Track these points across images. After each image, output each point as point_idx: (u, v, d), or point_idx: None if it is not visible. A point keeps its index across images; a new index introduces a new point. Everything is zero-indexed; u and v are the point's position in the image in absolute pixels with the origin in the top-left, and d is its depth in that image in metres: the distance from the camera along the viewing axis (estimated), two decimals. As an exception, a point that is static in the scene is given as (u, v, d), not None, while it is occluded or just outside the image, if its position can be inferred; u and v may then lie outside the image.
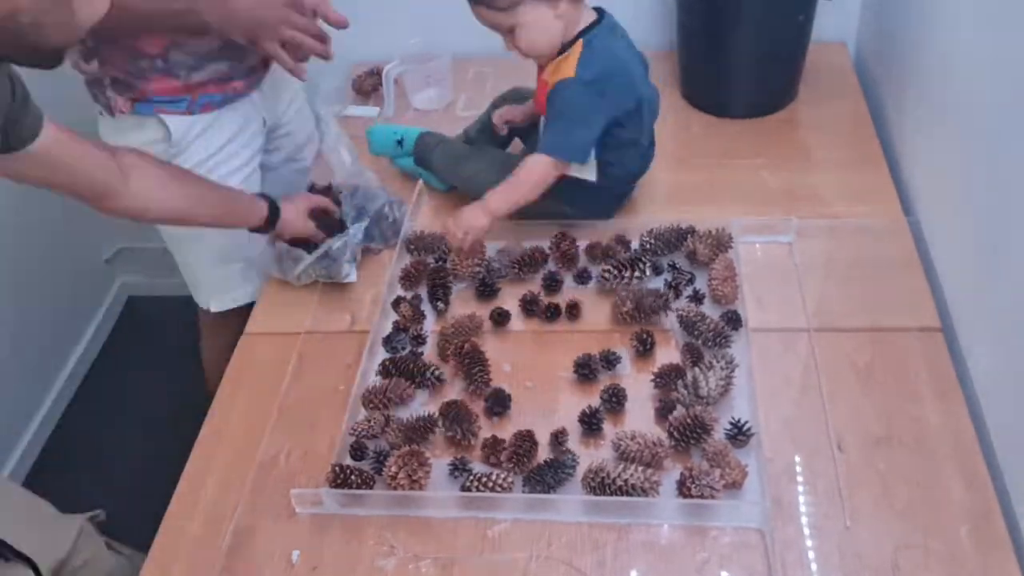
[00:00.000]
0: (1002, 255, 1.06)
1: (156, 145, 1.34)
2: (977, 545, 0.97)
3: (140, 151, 1.19)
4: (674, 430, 1.08)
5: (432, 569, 1.03)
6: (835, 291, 1.27)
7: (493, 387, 1.19)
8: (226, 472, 1.17)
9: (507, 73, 1.66)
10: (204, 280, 1.55)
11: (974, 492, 1.01)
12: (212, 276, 1.53)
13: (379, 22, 1.80)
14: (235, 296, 1.54)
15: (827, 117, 1.60)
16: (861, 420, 1.10)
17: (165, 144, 1.35)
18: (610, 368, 1.19)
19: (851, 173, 1.46)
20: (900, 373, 1.15)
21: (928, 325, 1.20)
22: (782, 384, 1.16)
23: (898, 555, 0.97)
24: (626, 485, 1.03)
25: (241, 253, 1.47)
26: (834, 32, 1.74)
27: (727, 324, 1.20)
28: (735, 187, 1.47)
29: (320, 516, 1.10)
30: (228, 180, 1.38)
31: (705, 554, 1.00)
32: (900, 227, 1.34)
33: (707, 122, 1.63)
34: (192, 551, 1.09)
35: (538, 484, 1.06)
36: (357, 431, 1.15)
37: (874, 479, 1.04)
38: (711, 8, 1.53)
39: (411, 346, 1.27)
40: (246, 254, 1.47)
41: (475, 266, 1.33)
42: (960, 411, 1.09)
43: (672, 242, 1.32)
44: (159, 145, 1.34)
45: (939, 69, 1.31)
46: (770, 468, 1.06)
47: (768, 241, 1.35)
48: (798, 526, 1.01)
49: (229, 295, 1.54)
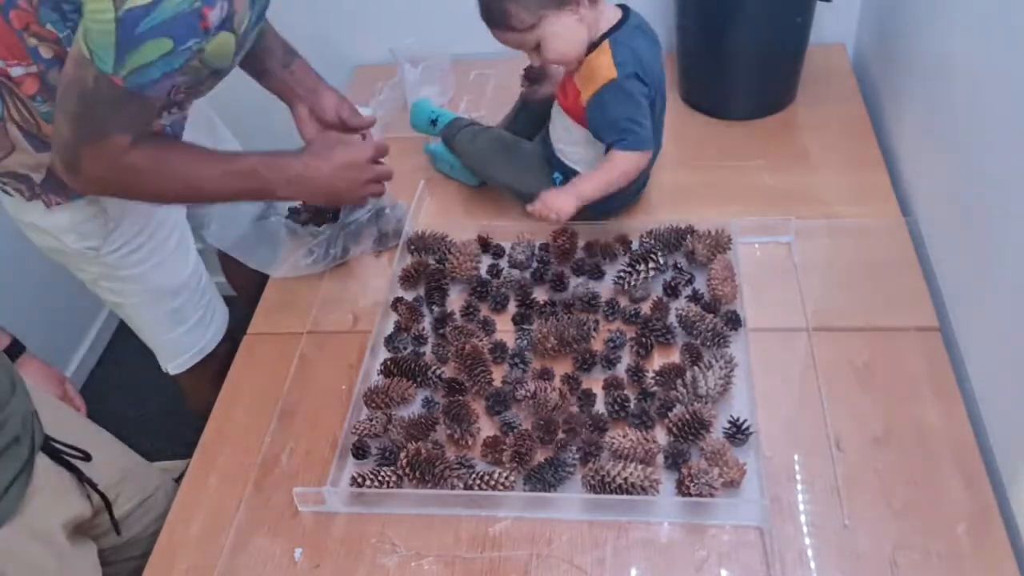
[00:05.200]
0: (1000, 255, 1.06)
1: (88, 223, 1.26)
2: (975, 544, 0.97)
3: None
4: (673, 427, 1.09)
5: (434, 567, 1.03)
6: (834, 291, 1.28)
7: (494, 387, 1.19)
8: (228, 471, 1.18)
9: (508, 74, 1.67)
10: (159, 346, 1.49)
11: (972, 491, 1.02)
12: (165, 341, 1.48)
13: (379, 23, 1.82)
14: (192, 355, 1.50)
15: (826, 118, 1.60)
16: (860, 419, 1.11)
17: (101, 219, 1.27)
18: (610, 367, 1.20)
19: (850, 174, 1.47)
20: (899, 373, 1.15)
21: (926, 325, 1.20)
22: (781, 384, 1.17)
23: (896, 554, 0.97)
24: (626, 483, 1.03)
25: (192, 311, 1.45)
26: (833, 34, 1.75)
27: (726, 324, 1.20)
28: (734, 188, 1.47)
29: (322, 514, 1.10)
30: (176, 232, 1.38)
31: (704, 552, 1.01)
32: (899, 227, 1.35)
33: (706, 123, 1.64)
34: (195, 549, 1.10)
35: (539, 483, 1.06)
36: (359, 430, 1.16)
37: (872, 478, 1.05)
38: (710, 10, 1.54)
39: (413, 346, 1.28)
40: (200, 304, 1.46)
41: (472, 268, 1.34)
42: (958, 411, 1.10)
43: (671, 242, 1.33)
44: (92, 222, 1.26)
45: (938, 70, 1.32)
46: (769, 467, 1.06)
47: (767, 241, 1.35)
48: (797, 525, 1.02)
49: (185, 356, 1.49)
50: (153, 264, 1.36)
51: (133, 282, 1.36)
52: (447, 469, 1.08)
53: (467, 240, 1.39)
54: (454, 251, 1.36)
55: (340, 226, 1.40)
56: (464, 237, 1.40)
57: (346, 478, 1.13)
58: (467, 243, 1.38)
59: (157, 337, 1.48)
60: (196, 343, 1.49)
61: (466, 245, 1.37)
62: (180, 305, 1.43)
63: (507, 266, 1.36)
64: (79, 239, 1.28)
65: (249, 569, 1.07)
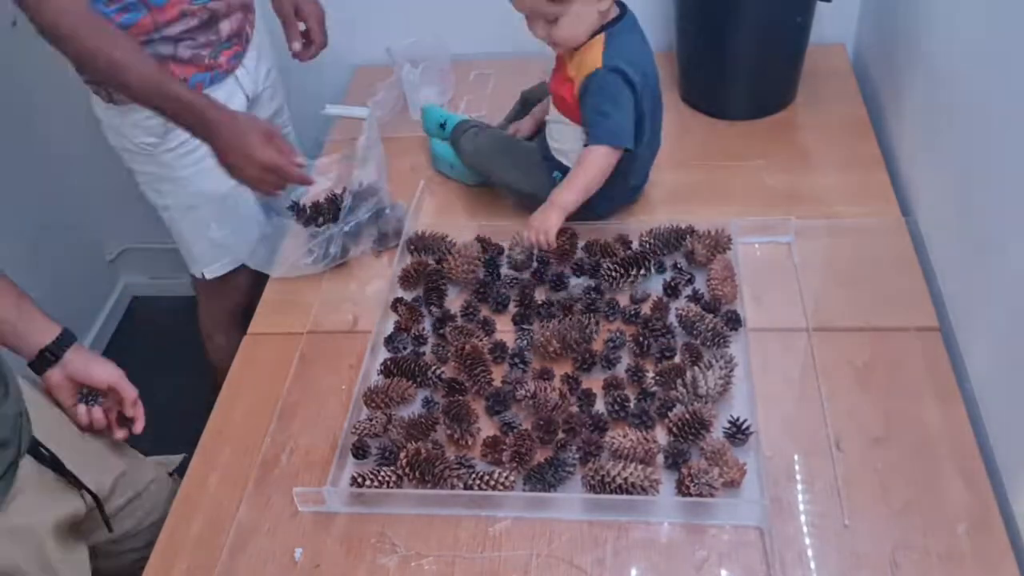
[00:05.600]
0: (1000, 255, 1.06)
1: (152, 119, 1.37)
2: (975, 544, 0.97)
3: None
4: (673, 427, 1.09)
5: (434, 567, 1.03)
6: (834, 291, 1.28)
7: (494, 387, 1.19)
8: (228, 470, 1.18)
9: (508, 74, 1.67)
10: (197, 251, 1.60)
11: (972, 491, 1.02)
12: (204, 245, 1.58)
13: (379, 23, 1.82)
14: (227, 262, 1.59)
15: (826, 118, 1.60)
16: (860, 419, 1.11)
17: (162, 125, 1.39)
18: (610, 367, 1.20)
19: (850, 174, 1.47)
20: (898, 373, 1.15)
21: (926, 325, 1.20)
22: (781, 383, 1.17)
23: (896, 554, 0.97)
24: (626, 483, 1.03)
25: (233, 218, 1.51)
26: (833, 34, 1.75)
27: (726, 324, 1.20)
28: (734, 188, 1.47)
29: (322, 514, 1.10)
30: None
31: (704, 552, 1.01)
32: (898, 227, 1.35)
33: (706, 123, 1.64)
34: (195, 549, 1.10)
35: (539, 483, 1.06)
36: (359, 430, 1.16)
37: (872, 478, 1.05)
38: (710, 10, 1.54)
39: (412, 346, 1.28)
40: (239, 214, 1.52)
41: (470, 271, 1.34)
42: (958, 410, 1.10)
43: (671, 242, 1.33)
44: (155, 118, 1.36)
45: (937, 70, 1.32)
46: (769, 467, 1.06)
47: (767, 241, 1.35)
48: (797, 525, 1.02)
49: (221, 261, 1.60)
50: (204, 167, 1.42)
51: (184, 184, 1.50)
52: (447, 469, 1.08)
53: (467, 240, 1.39)
54: (454, 251, 1.36)
55: (340, 226, 1.40)
56: (464, 237, 1.41)
57: (346, 478, 1.13)
58: (467, 243, 1.38)
59: (197, 241, 1.58)
60: (232, 250, 1.55)
61: (466, 245, 1.37)
62: (223, 211, 1.50)
63: (507, 266, 1.36)
64: (141, 133, 1.44)
65: (249, 569, 1.07)
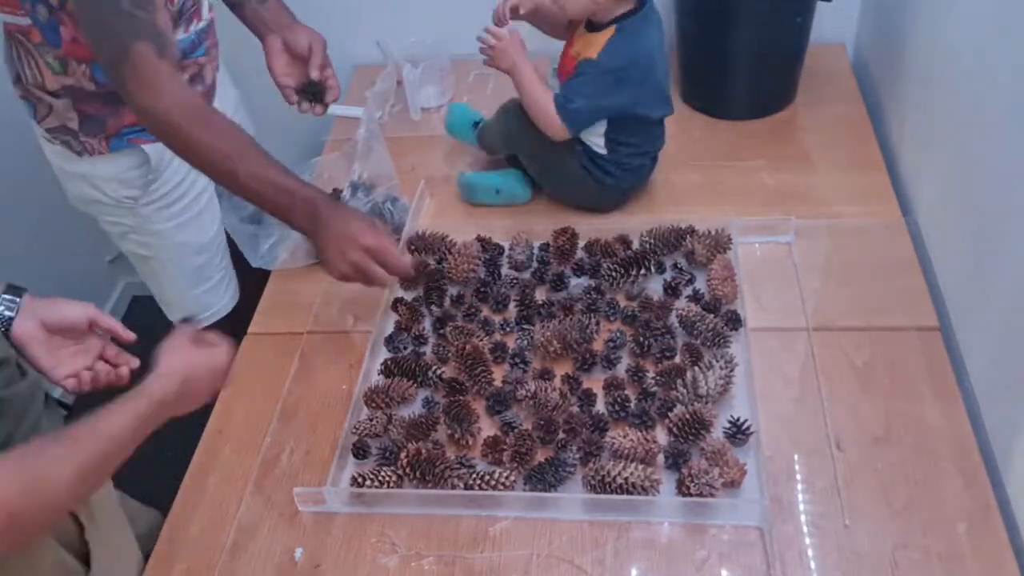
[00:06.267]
0: (1000, 255, 1.06)
1: (132, 171, 1.32)
2: (975, 543, 0.97)
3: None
4: (673, 427, 1.09)
5: (434, 567, 1.03)
6: (834, 291, 1.28)
7: (495, 386, 1.19)
8: (229, 470, 1.18)
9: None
10: (178, 303, 1.51)
11: (972, 491, 1.02)
12: (185, 298, 1.50)
13: (379, 23, 1.82)
14: (209, 315, 1.51)
15: (826, 118, 1.60)
16: (860, 419, 1.11)
17: (144, 169, 1.32)
18: (610, 367, 1.20)
19: (850, 174, 1.47)
20: (899, 372, 1.15)
21: (926, 325, 1.20)
22: (781, 383, 1.17)
23: (896, 553, 0.97)
24: (626, 483, 1.03)
25: (213, 271, 1.48)
26: (833, 34, 1.75)
27: (726, 324, 1.20)
28: (734, 188, 1.47)
29: (323, 514, 1.10)
30: (207, 193, 1.42)
31: (705, 552, 1.01)
32: (898, 227, 1.35)
33: (706, 123, 1.64)
34: (195, 549, 1.10)
35: (539, 482, 1.06)
36: (359, 430, 1.16)
37: (873, 478, 1.05)
38: (710, 10, 1.54)
39: (413, 346, 1.28)
40: (220, 266, 1.49)
41: (471, 270, 1.34)
42: (958, 410, 1.10)
43: (672, 242, 1.33)
44: (135, 171, 1.32)
45: (937, 70, 1.32)
46: (769, 467, 1.06)
47: (767, 241, 1.35)
48: (797, 524, 1.02)
49: (203, 315, 1.51)
50: (185, 219, 1.40)
51: (164, 236, 1.41)
52: (447, 469, 1.08)
53: (467, 240, 1.39)
54: (454, 251, 1.36)
55: None
56: (464, 237, 1.41)
57: (346, 478, 1.13)
58: (467, 243, 1.38)
59: (178, 294, 1.51)
60: (214, 303, 1.52)
61: (466, 245, 1.37)
62: (203, 263, 1.47)
63: (507, 266, 1.36)
64: (120, 187, 1.33)
65: (249, 569, 1.07)
